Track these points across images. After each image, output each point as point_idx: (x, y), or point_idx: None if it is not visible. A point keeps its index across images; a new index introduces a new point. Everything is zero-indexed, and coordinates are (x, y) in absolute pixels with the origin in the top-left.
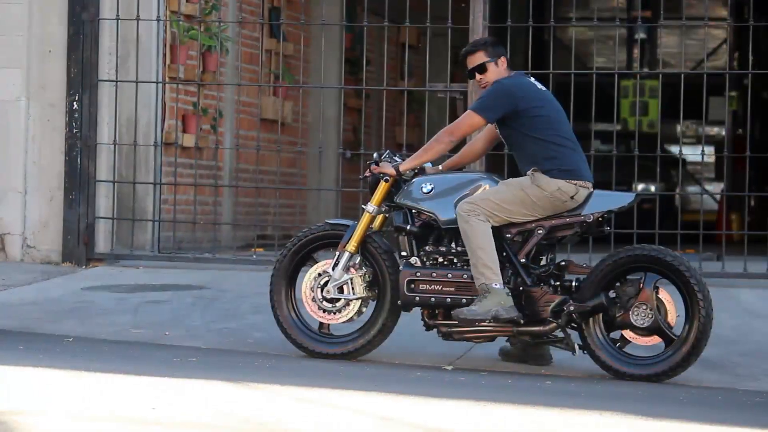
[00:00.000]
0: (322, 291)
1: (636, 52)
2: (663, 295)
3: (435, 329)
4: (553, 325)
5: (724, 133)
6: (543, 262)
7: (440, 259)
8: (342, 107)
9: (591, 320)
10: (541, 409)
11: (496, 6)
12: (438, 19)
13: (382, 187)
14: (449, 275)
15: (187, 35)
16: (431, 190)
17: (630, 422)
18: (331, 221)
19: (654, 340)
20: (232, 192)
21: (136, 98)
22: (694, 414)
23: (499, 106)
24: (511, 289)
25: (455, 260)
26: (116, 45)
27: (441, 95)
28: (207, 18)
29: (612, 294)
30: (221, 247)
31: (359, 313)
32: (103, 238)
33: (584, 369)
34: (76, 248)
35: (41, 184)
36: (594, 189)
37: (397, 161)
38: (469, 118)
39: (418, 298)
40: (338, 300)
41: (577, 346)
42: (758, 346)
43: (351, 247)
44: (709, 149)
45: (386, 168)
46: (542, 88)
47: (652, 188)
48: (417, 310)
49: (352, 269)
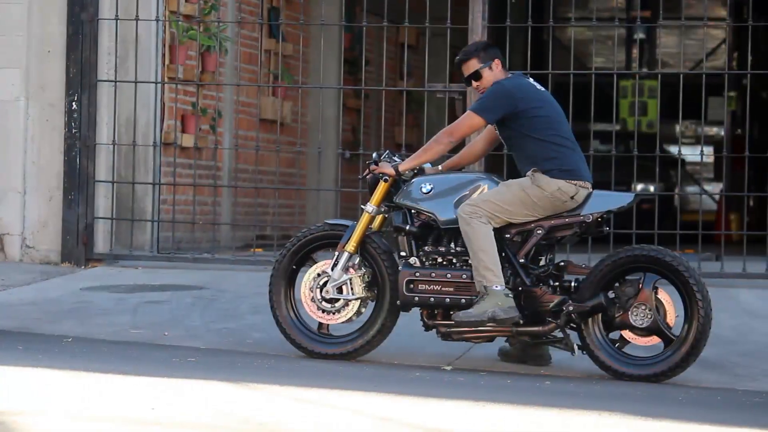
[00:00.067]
0: (321, 291)
1: (635, 52)
2: (662, 295)
3: (434, 329)
4: (552, 325)
5: (723, 133)
6: (542, 263)
7: (439, 260)
8: (341, 107)
9: (590, 320)
10: (540, 409)
11: (496, 6)
12: (437, 19)
13: (381, 188)
14: (448, 275)
15: (186, 35)
16: (431, 191)
17: (629, 422)
18: (331, 221)
19: (653, 340)
20: (231, 192)
21: (135, 98)
22: (693, 414)
23: (498, 107)
24: (510, 290)
25: (454, 260)
26: (115, 45)
27: (440, 95)
28: (206, 18)
29: (611, 294)
30: (220, 247)
31: (358, 313)
32: (102, 238)
33: (583, 369)
34: (75, 248)
35: (40, 184)
36: (593, 189)
37: (397, 161)
38: (469, 118)
39: (417, 299)
40: (337, 300)
41: (576, 347)
42: (757, 346)
43: (350, 247)
44: (708, 149)
45: (385, 168)
46: (541, 88)
47: (651, 188)
48: (416, 311)
49: (351, 269)
